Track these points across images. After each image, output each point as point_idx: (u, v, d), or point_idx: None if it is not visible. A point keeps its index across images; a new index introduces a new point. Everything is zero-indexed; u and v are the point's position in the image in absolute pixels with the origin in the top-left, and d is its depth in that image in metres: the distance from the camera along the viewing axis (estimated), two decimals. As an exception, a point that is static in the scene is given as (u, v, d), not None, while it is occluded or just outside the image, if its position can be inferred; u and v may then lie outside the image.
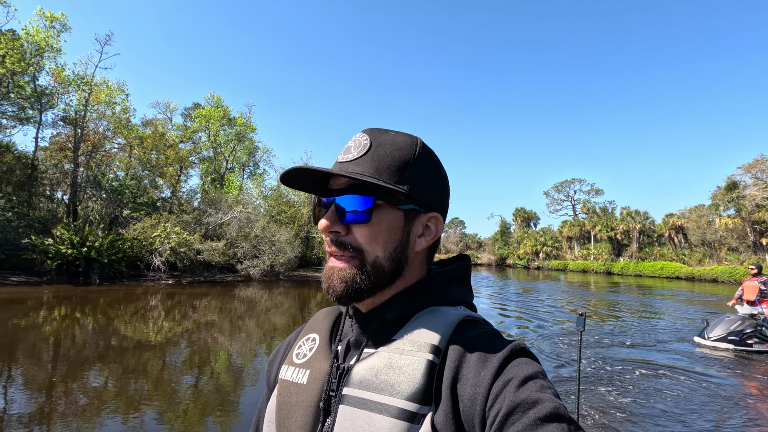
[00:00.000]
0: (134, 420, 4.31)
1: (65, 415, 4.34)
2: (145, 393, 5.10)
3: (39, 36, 19.87)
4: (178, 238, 17.27)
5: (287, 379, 0.66)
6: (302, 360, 0.67)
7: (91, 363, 6.22)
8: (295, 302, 14.24)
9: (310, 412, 0.60)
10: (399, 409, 0.53)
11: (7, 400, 4.72)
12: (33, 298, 12.05)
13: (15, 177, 20.75)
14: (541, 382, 0.52)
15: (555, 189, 63.93)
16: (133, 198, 20.39)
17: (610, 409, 4.77)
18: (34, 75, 20.80)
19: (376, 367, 0.58)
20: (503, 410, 0.49)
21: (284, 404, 0.63)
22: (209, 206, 21.40)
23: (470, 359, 0.56)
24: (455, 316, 0.61)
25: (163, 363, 6.57)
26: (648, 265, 38.49)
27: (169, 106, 33.48)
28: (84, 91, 22.18)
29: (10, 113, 21.76)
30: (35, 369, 5.87)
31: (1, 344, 7.14)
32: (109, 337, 7.93)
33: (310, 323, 0.74)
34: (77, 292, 13.68)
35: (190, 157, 28.91)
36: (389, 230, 0.62)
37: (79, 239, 15.90)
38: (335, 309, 0.75)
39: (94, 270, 15.93)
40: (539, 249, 54.25)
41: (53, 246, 15.49)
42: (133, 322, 9.50)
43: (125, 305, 11.84)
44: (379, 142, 0.62)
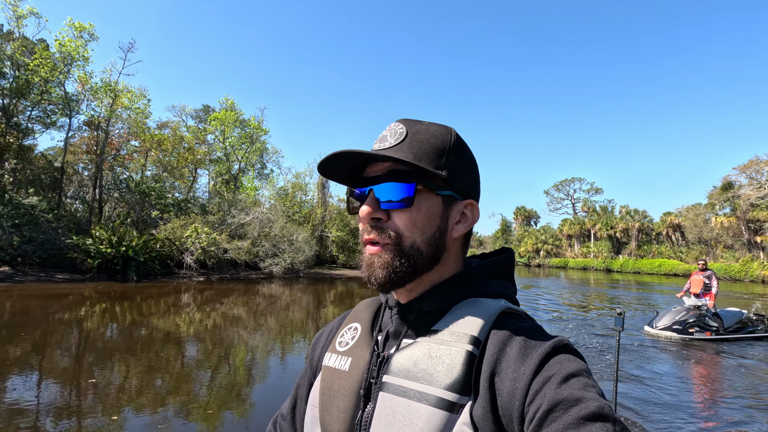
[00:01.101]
0: (169, 406, 4.68)
1: (107, 396, 4.88)
2: (180, 381, 5.64)
3: (71, 46, 20.87)
4: (208, 238, 18.39)
5: (330, 366, 0.68)
6: (345, 348, 0.69)
7: (134, 352, 6.92)
8: (313, 297, 15.35)
9: (352, 398, 0.62)
10: (437, 398, 0.54)
11: (47, 386, 5.24)
12: (79, 294, 13.15)
13: (46, 179, 21.82)
14: (585, 380, 0.50)
15: (555, 188, 65.00)
16: (159, 199, 21.46)
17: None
18: (63, 82, 21.83)
19: (415, 356, 0.59)
20: (543, 407, 0.48)
21: (327, 390, 0.66)
22: (231, 207, 22.49)
23: (510, 353, 0.55)
24: (495, 308, 0.61)
25: (198, 353, 7.23)
26: (646, 263, 39.59)
27: (185, 109, 34.61)
28: (109, 97, 23.21)
29: (38, 118, 22.80)
30: (82, 357, 6.69)
31: (47, 335, 8.26)
32: (152, 330, 8.79)
33: (353, 313, 0.77)
34: (119, 288, 14.77)
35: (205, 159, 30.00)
36: (428, 216, 0.62)
37: (116, 239, 16.99)
38: (376, 300, 0.77)
39: (131, 268, 17.03)
40: (540, 247, 55.31)
41: (93, 246, 16.57)
42: (172, 316, 10.55)
43: (164, 300, 12.94)
44: (414, 130, 0.64)
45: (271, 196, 30.25)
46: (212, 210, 21.50)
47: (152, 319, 9.85)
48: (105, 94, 23.05)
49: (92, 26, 22.65)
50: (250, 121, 32.16)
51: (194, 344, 7.80)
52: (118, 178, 23.32)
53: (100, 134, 23.87)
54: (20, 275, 15.44)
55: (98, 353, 6.77)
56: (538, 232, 59.12)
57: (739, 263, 31.69)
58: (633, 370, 6.31)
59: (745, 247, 34.50)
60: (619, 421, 0.46)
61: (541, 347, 0.54)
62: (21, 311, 10.07)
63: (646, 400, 5.09)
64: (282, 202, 27.99)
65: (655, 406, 4.91)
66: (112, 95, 23.29)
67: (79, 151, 25.47)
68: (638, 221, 46.07)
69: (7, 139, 19.88)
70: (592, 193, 61.01)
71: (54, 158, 23.22)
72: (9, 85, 19.72)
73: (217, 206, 22.03)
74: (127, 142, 26.08)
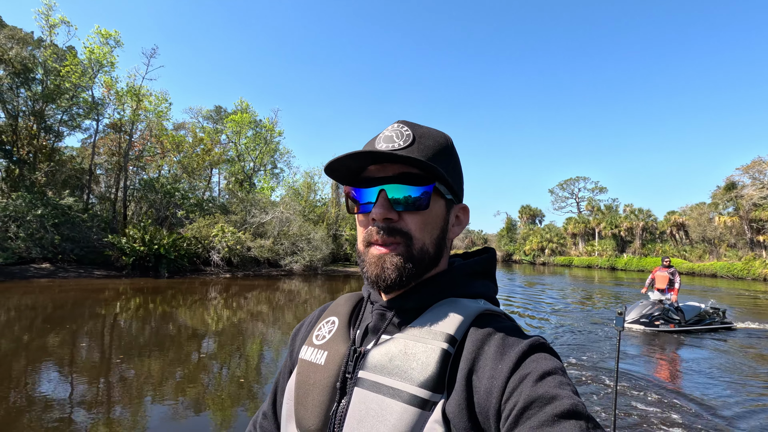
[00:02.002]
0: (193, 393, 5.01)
1: (140, 379, 5.33)
2: (208, 369, 6.18)
3: (101, 54, 21.85)
4: (234, 237, 19.37)
5: (306, 359, 0.69)
6: (321, 342, 0.69)
7: (169, 342, 7.54)
8: (329, 293, 16.21)
9: (327, 391, 0.62)
10: (410, 395, 0.55)
11: (95, 368, 5.80)
12: (118, 289, 14.16)
13: (76, 181, 22.86)
14: (560, 378, 0.51)
15: (560, 187, 65.52)
16: (183, 199, 22.44)
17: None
18: (91, 87, 22.82)
19: (391, 352, 0.60)
20: (519, 404, 0.49)
21: (303, 383, 0.66)
22: (250, 206, 23.46)
23: (488, 351, 0.56)
24: (474, 309, 0.62)
25: (222, 345, 7.66)
26: (650, 261, 40.06)
27: (201, 111, 35.66)
28: (134, 101, 24.20)
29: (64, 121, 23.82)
30: (122, 345, 7.35)
31: (92, 326, 9.23)
32: (186, 322, 9.51)
33: (332, 306, 0.77)
34: (153, 284, 15.77)
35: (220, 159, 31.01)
36: (436, 218, 0.64)
37: (148, 238, 18.00)
38: (356, 295, 0.77)
39: (162, 265, 18.05)
40: (545, 245, 55.90)
41: (128, 244, 17.58)
42: (205, 309, 11.43)
43: (196, 295, 13.93)
44: (420, 133, 0.65)
45: (285, 195, 31.21)
46: (235, 210, 22.47)
47: (186, 312, 10.84)
48: (130, 99, 24.05)
49: (117, 33, 23.66)
50: (264, 122, 33.13)
51: (222, 336, 8.36)
52: (142, 179, 24.34)
53: (123, 136, 24.90)
54: (62, 272, 16.48)
55: (138, 343, 7.50)
56: (542, 230, 59.45)
57: (741, 262, 32.27)
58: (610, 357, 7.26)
59: (747, 246, 35.18)
60: (592, 419, 0.48)
61: (518, 346, 0.55)
62: (66, 304, 11.05)
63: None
64: (298, 201, 28.96)
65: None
66: (136, 99, 24.29)
67: (102, 153, 26.48)
68: (642, 220, 46.63)
69: (41, 142, 20.89)
70: (597, 192, 61.54)
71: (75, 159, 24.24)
72: (41, 90, 20.72)
73: (239, 206, 23.00)
74: (148, 143, 27.09)
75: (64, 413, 4.39)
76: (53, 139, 21.63)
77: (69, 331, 8.01)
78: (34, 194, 17.37)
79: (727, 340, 8.62)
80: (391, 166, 0.63)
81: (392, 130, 0.65)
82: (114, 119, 24.36)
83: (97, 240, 18.40)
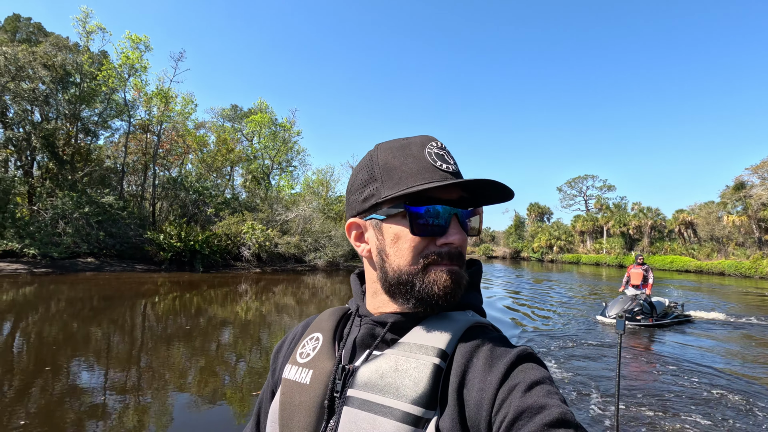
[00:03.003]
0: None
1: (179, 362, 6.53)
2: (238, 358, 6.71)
3: (134, 58, 22.95)
4: (264, 234, 20.46)
5: (290, 379, 0.66)
6: (305, 359, 0.67)
7: (205, 330, 8.19)
8: (349, 288, 17.13)
9: (314, 412, 0.61)
10: (403, 413, 0.53)
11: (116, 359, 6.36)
12: (160, 282, 15.30)
13: (110, 179, 24.02)
14: (548, 388, 0.52)
15: (568, 185, 65.83)
16: (212, 198, 23.56)
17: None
18: (124, 90, 23.94)
19: (381, 369, 0.58)
20: (510, 416, 0.49)
21: (287, 404, 0.64)
22: (274, 204, 24.54)
23: (477, 364, 0.56)
24: (464, 322, 0.62)
25: (251, 334, 9.09)
26: (659, 259, 40.55)
27: (221, 110, 36.74)
28: (162, 102, 25.29)
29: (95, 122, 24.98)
30: (160, 332, 8.13)
31: (142, 314, 10.29)
32: (223, 313, 10.20)
33: (315, 322, 0.75)
34: (189, 277, 16.91)
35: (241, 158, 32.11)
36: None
37: (184, 234, 19.12)
38: (340, 309, 0.75)
39: (197, 260, 19.18)
40: (553, 243, 56.35)
41: (166, 240, 18.72)
42: (241, 301, 12.37)
43: (231, 288, 15.01)
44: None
45: (305, 193, 32.25)
46: (261, 208, 23.55)
47: (221, 303, 11.85)
48: (159, 101, 25.15)
49: (147, 38, 24.73)
50: (283, 123, 34.14)
51: (252, 326, 8.88)
52: (171, 178, 25.47)
53: (151, 137, 26.03)
54: (107, 265, 17.66)
55: (177, 331, 8.19)
56: (551, 228, 59.78)
57: (749, 260, 32.76)
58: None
59: (755, 245, 35.70)
60: (580, 427, 0.48)
61: (506, 357, 0.56)
62: (114, 295, 12.11)
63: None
64: (316, 199, 29.97)
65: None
66: (164, 101, 25.38)
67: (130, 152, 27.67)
68: (651, 219, 47.04)
69: (79, 143, 22.06)
70: (605, 190, 61.82)
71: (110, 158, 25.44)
72: (78, 93, 21.85)
73: (265, 204, 24.08)
74: (174, 143, 28.21)
75: (118, 387, 5.01)
76: (89, 139, 22.79)
77: (121, 315, 9.20)
78: (78, 193, 18.54)
79: (698, 332, 9.44)
80: (454, 189, 0.63)
81: (441, 149, 0.64)
82: (144, 120, 25.49)
83: (134, 236, 19.56)
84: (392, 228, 0.62)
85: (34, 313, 9.09)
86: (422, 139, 0.65)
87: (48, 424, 3.95)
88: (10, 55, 16.32)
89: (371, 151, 0.67)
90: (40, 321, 8.39)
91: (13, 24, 22.12)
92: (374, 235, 0.65)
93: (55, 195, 18.36)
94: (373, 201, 0.64)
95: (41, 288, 12.60)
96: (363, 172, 0.66)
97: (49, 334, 7.36)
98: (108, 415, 4.28)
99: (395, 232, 0.62)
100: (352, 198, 0.68)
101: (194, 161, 30.17)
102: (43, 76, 17.50)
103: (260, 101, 34.23)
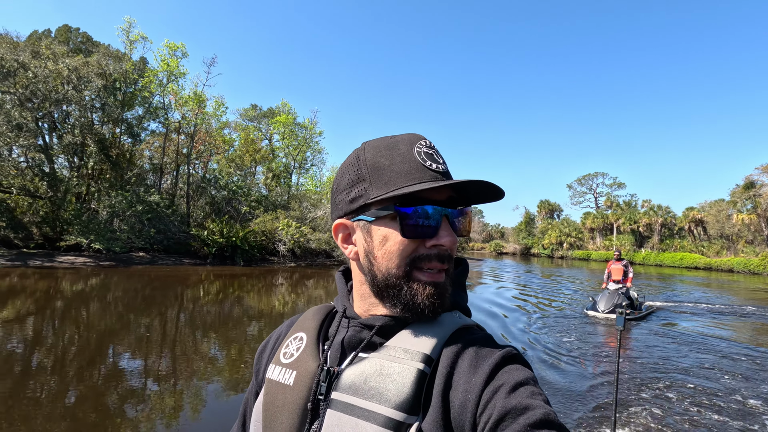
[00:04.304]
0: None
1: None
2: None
3: (174, 65, 24.44)
4: (299, 231, 21.95)
5: (274, 379, 0.65)
6: (289, 360, 0.66)
7: (249, 315, 9.29)
8: None
9: (297, 414, 0.60)
10: (386, 418, 0.54)
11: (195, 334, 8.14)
12: (211, 274, 16.81)
13: (146, 179, 25.65)
14: (532, 389, 0.52)
15: (578, 182, 66.38)
16: (245, 196, 25.07)
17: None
18: (163, 94, 25.46)
19: (366, 372, 0.58)
20: (494, 416, 0.50)
21: (270, 405, 0.63)
22: (304, 202, 26.00)
23: (462, 366, 0.57)
24: (451, 325, 0.62)
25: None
26: (668, 256, 41.20)
27: (245, 112, 38.25)
28: (196, 105, 26.78)
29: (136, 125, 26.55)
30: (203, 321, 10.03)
31: (193, 302, 11.74)
32: (270, 301, 11.68)
33: (300, 321, 0.74)
34: (231, 271, 18.37)
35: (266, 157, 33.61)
36: None
37: (226, 231, 20.65)
38: (325, 308, 0.74)
39: (238, 255, 20.71)
40: (563, 239, 57.04)
41: (209, 236, 20.26)
42: (278, 293, 13.72)
43: (269, 279, 16.46)
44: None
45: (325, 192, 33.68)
46: (293, 206, 25.03)
47: (269, 293, 13.24)
48: (194, 104, 26.63)
49: (183, 46, 26.18)
50: (305, 123, 35.55)
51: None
52: (204, 177, 27.03)
53: (185, 138, 27.57)
54: (159, 260, 19.25)
55: (229, 317, 9.23)
56: (561, 224, 60.28)
57: (758, 258, 33.47)
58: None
59: (764, 242, 36.47)
60: (563, 427, 0.49)
61: (491, 358, 0.56)
62: (170, 285, 13.56)
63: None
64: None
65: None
66: (197, 104, 26.87)
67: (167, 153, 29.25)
68: (662, 216, 47.64)
69: (124, 145, 23.66)
70: (615, 188, 62.36)
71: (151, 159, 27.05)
72: (122, 98, 23.40)
73: (296, 202, 25.54)
74: (207, 144, 29.76)
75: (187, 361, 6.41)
76: (132, 141, 24.39)
77: (186, 300, 10.69)
78: (129, 192, 20.13)
79: (676, 324, 10.10)
80: (445, 190, 0.62)
81: (430, 148, 0.63)
82: (179, 122, 27.03)
83: (178, 232, 21.12)
84: (381, 230, 0.61)
85: (119, 295, 10.79)
86: (410, 137, 0.64)
87: (107, 395, 4.63)
88: (72, 66, 17.82)
89: (358, 150, 0.66)
90: (122, 301, 10.12)
91: (65, 35, 23.67)
92: (362, 237, 0.64)
93: (109, 195, 19.95)
94: (362, 202, 0.62)
95: (112, 278, 14.21)
96: (350, 171, 0.64)
97: (129, 312, 9.03)
98: (181, 374, 5.30)
99: (384, 234, 0.61)
100: (339, 198, 0.66)
101: (222, 161, 31.71)
102: (99, 85, 18.99)
103: (283, 102, 35.63)
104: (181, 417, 4.27)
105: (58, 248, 17.85)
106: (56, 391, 4.66)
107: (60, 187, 17.87)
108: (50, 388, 4.73)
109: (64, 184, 18.17)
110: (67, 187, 18.32)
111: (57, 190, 17.64)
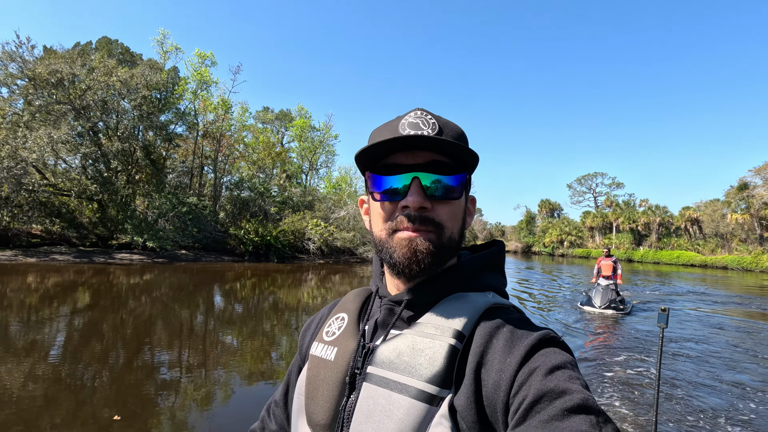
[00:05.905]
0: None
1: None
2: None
3: (205, 74, 25.97)
4: (327, 230, 23.58)
5: (317, 355, 0.70)
6: (331, 338, 0.71)
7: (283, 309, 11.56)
8: None
9: (336, 387, 0.64)
10: (418, 390, 0.55)
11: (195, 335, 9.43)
12: (248, 270, 18.42)
13: (181, 182, 27.20)
14: (570, 372, 0.51)
15: (578, 182, 67.93)
16: (273, 197, 26.66)
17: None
18: (194, 102, 26.97)
19: (399, 348, 0.60)
20: (529, 398, 0.49)
21: (313, 378, 0.68)
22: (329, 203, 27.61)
23: (496, 344, 0.56)
24: (483, 303, 0.62)
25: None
26: (666, 254, 42.81)
27: (259, 115, 39.82)
28: (224, 111, 28.31)
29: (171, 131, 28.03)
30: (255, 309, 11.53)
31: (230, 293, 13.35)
32: (301, 293, 13.54)
33: (341, 302, 0.79)
34: (265, 267, 19.96)
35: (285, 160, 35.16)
36: (461, 208, 0.66)
37: (261, 230, 22.25)
38: (365, 290, 0.79)
39: (271, 252, 22.32)
40: (564, 238, 58.30)
41: (245, 236, 21.85)
42: (307, 288, 15.19)
43: (304, 275, 18.06)
44: (443, 123, 0.65)
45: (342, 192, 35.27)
46: (319, 207, 26.64)
47: (300, 286, 14.82)
48: (222, 110, 28.14)
49: (212, 55, 27.68)
50: (320, 127, 37.11)
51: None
52: (233, 181, 28.61)
53: (213, 142, 29.09)
54: (201, 257, 20.83)
55: (269, 307, 10.56)
56: (561, 223, 61.62)
57: (751, 256, 35.06)
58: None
59: (757, 241, 38.30)
60: (602, 413, 0.47)
61: (527, 339, 0.56)
62: (216, 278, 15.20)
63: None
64: (339, 196, 32.79)
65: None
66: (224, 110, 28.38)
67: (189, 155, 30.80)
68: (659, 216, 49.21)
69: (161, 151, 25.18)
70: (614, 188, 64.03)
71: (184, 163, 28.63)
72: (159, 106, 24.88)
73: (322, 203, 27.15)
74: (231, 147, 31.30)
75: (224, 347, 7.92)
76: (168, 146, 25.89)
77: (230, 292, 12.38)
78: (171, 195, 21.68)
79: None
80: (421, 153, 0.62)
81: (416, 117, 0.64)
82: (207, 128, 28.54)
83: (214, 231, 22.68)
84: (371, 198, 0.67)
85: (185, 283, 12.61)
86: (411, 111, 0.66)
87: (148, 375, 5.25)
88: (123, 78, 19.35)
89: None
90: (185, 291, 11.89)
91: (106, 47, 25.08)
92: (368, 208, 0.70)
93: (151, 197, 21.49)
94: (366, 176, 0.67)
95: (169, 272, 15.82)
96: None
97: (187, 300, 10.75)
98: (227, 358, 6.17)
99: (371, 200, 0.67)
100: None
101: (245, 163, 33.25)
102: (144, 95, 20.51)
103: (299, 107, 37.15)
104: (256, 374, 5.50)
105: (111, 246, 19.40)
106: (156, 361, 6.01)
107: (112, 190, 19.43)
108: (155, 353, 6.36)
109: (114, 187, 19.72)
110: (117, 189, 19.87)
111: (112, 194, 19.19)
